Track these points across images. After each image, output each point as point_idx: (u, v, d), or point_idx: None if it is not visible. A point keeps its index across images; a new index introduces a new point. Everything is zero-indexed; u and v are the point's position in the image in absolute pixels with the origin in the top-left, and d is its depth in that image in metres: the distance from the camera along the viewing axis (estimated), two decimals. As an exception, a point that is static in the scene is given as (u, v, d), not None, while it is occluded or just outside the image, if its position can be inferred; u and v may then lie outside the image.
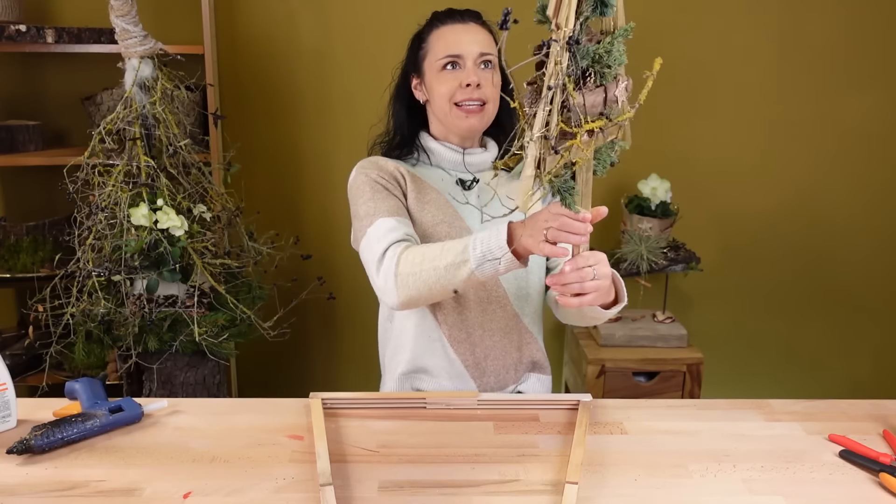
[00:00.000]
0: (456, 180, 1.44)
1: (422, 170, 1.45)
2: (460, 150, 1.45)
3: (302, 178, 2.43)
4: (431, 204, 1.40)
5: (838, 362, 2.65)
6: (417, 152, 1.47)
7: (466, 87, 1.35)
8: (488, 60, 1.38)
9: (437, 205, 1.40)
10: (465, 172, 1.45)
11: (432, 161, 1.46)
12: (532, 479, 1.02)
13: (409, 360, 1.43)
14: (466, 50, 1.36)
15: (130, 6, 1.91)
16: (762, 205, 2.51)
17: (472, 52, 1.36)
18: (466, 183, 1.44)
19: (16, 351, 2.19)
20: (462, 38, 1.38)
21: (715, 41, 2.39)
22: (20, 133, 2.20)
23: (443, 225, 1.39)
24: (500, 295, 1.43)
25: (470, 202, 1.42)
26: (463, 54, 1.37)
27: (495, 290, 1.43)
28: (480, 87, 1.36)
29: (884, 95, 2.44)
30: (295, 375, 2.59)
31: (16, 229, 2.17)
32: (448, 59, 1.37)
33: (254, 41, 2.34)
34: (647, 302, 2.35)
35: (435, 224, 1.39)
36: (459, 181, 1.44)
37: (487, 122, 1.41)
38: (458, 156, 1.44)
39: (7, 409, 1.14)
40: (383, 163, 1.42)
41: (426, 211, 1.40)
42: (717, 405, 1.26)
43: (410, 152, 1.47)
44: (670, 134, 2.44)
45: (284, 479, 1.01)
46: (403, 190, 1.41)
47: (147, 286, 1.91)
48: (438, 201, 1.41)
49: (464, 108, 1.37)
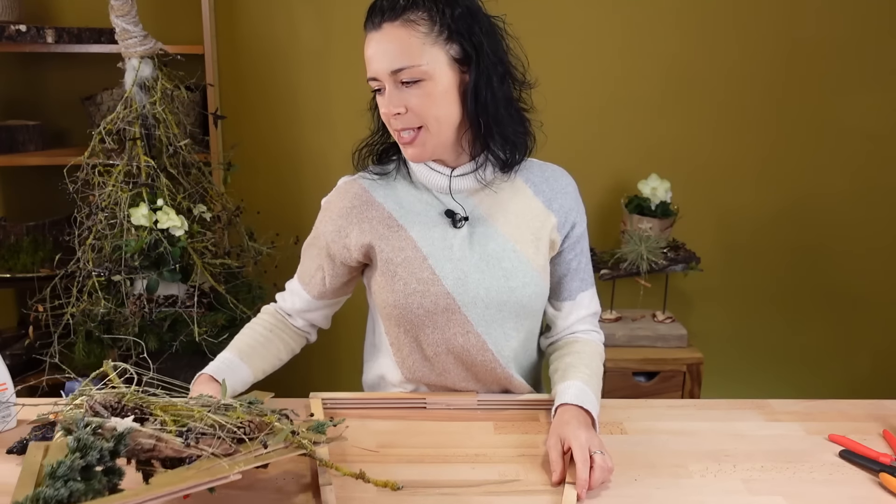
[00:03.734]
0: (444, 210, 1.21)
1: (402, 192, 1.23)
2: (447, 172, 1.21)
3: (302, 178, 2.43)
4: (404, 267, 1.18)
5: (838, 362, 2.65)
6: (399, 163, 1.25)
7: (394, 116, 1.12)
8: (407, 76, 1.09)
9: (412, 267, 1.18)
10: (455, 197, 1.22)
11: (414, 178, 1.24)
12: (532, 479, 1.02)
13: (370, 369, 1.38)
14: (379, 70, 1.10)
15: (130, 6, 1.91)
16: (762, 205, 2.51)
17: (384, 71, 1.10)
18: (456, 218, 1.21)
19: (16, 351, 2.19)
20: (375, 55, 1.11)
21: (715, 41, 2.39)
22: (20, 133, 2.20)
23: (415, 295, 1.18)
24: (487, 360, 1.22)
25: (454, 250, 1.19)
26: (378, 76, 1.11)
27: (482, 355, 1.22)
28: (403, 114, 1.11)
29: (884, 95, 2.44)
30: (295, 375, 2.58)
31: (16, 229, 2.17)
32: (371, 81, 1.13)
33: (254, 41, 2.34)
34: (647, 302, 2.35)
35: (407, 294, 1.18)
36: (448, 213, 1.21)
37: (434, 146, 1.15)
38: (444, 180, 1.21)
39: (7, 409, 1.14)
40: (344, 222, 1.22)
41: (397, 277, 1.19)
42: (717, 405, 1.26)
43: (394, 156, 1.26)
44: (670, 134, 2.44)
45: (284, 479, 1.01)
46: (348, 261, 1.23)
47: (147, 286, 1.91)
48: (413, 262, 1.18)
49: (399, 138, 1.15)
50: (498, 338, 1.22)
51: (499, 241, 1.21)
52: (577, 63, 2.38)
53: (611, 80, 2.40)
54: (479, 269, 1.19)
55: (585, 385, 1.14)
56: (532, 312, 1.25)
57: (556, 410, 1.12)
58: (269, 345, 1.29)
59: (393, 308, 1.20)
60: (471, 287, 1.18)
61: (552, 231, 1.24)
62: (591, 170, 2.44)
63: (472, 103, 1.14)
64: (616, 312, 2.32)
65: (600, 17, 2.36)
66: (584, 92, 2.41)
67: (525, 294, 1.21)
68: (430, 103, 1.11)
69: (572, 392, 1.13)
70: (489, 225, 1.21)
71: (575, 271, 1.28)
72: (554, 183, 1.27)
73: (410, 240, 1.19)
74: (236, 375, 1.21)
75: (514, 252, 1.21)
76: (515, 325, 1.23)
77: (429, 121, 1.12)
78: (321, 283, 1.28)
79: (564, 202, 1.26)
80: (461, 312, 1.19)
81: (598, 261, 2.28)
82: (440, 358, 1.22)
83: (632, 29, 2.36)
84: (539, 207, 1.24)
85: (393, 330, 1.25)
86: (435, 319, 1.19)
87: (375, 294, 1.25)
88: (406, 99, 1.10)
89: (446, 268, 1.18)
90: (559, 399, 1.13)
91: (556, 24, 2.35)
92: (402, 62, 1.09)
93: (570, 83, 2.39)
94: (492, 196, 1.23)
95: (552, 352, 1.30)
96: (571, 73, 2.38)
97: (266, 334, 1.29)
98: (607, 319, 2.28)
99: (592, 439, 1.02)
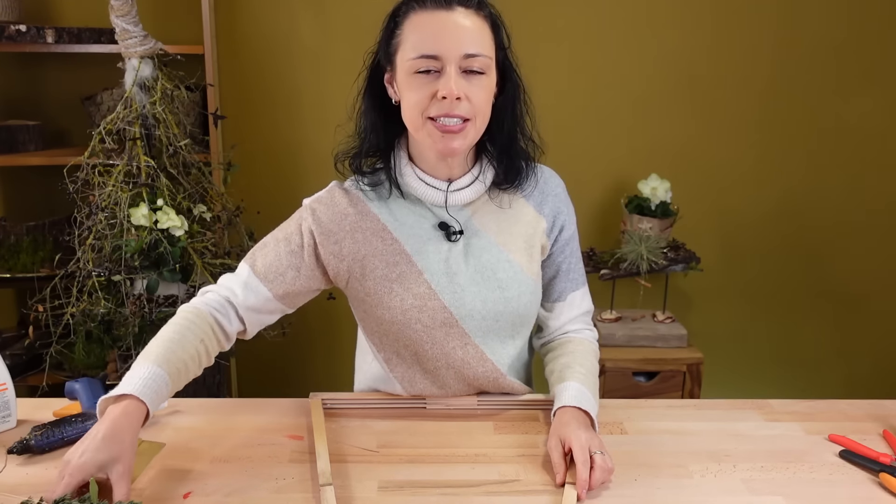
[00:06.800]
0: (438, 223, 1.19)
1: (394, 203, 1.19)
2: (443, 187, 1.17)
3: (302, 178, 2.43)
4: (400, 283, 1.16)
5: (838, 362, 2.65)
6: (392, 174, 1.18)
7: (443, 99, 1.06)
8: (478, 63, 1.07)
9: (408, 283, 1.16)
10: (449, 210, 1.20)
11: (405, 191, 1.19)
12: (532, 479, 1.02)
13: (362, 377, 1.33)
14: (447, 49, 1.05)
15: (130, 6, 1.91)
16: (762, 205, 2.51)
17: (456, 52, 1.05)
18: (450, 231, 1.18)
19: (16, 351, 2.19)
20: (443, 33, 1.06)
21: (714, 41, 2.39)
22: (20, 133, 2.20)
23: (413, 311, 1.16)
24: (487, 370, 1.21)
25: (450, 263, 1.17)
26: (442, 55, 1.05)
27: (482, 366, 1.20)
28: (462, 101, 1.07)
29: (884, 95, 2.44)
30: (295, 375, 2.59)
31: (16, 229, 2.17)
32: (422, 59, 1.06)
33: (254, 41, 2.34)
34: (647, 302, 2.35)
35: (404, 310, 1.16)
36: (442, 225, 1.19)
37: (471, 142, 1.12)
38: (440, 196, 1.18)
39: (7, 409, 1.14)
40: (336, 228, 1.17)
41: (394, 293, 1.16)
42: (717, 405, 1.26)
43: (382, 169, 1.19)
44: (670, 134, 2.44)
45: (284, 479, 1.01)
46: (331, 269, 1.17)
47: (147, 286, 1.91)
48: (409, 277, 1.16)
49: (439, 126, 1.08)
50: (496, 347, 1.21)
51: (493, 252, 1.20)
52: (577, 63, 2.38)
53: (611, 80, 2.40)
54: (474, 281, 1.17)
55: (582, 385, 1.14)
56: (528, 320, 1.25)
57: (556, 413, 1.12)
58: (195, 359, 1.11)
59: (391, 325, 1.17)
60: (467, 300, 1.17)
61: (542, 236, 1.24)
62: (591, 170, 2.44)
63: (496, 123, 1.15)
64: (616, 312, 2.32)
65: (601, 17, 2.35)
66: (584, 92, 2.40)
67: (521, 304, 1.20)
68: (486, 98, 1.10)
69: (570, 394, 1.13)
70: (482, 236, 1.20)
71: (565, 273, 1.27)
72: (544, 186, 1.26)
73: (405, 254, 1.17)
74: (160, 396, 1.02)
75: (509, 262, 1.20)
76: (512, 333, 1.22)
77: (479, 115, 1.10)
78: (290, 283, 1.17)
79: (554, 205, 1.25)
80: (459, 326, 1.17)
81: (598, 261, 2.28)
82: (440, 372, 1.20)
83: (632, 29, 2.36)
84: (531, 213, 1.24)
85: (391, 346, 1.21)
86: (433, 334, 1.17)
87: (370, 311, 1.20)
88: (466, 87, 1.07)
89: (442, 282, 1.16)
90: (558, 401, 1.13)
91: (556, 24, 2.35)
92: (478, 48, 1.07)
93: (570, 83, 2.39)
94: (485, 206, 1.21)
95: (546, 353, 1.30)
96: (572, 73, 2.39)
97: (198, 346, 1.10)
98: (607, 319, 2.28)
99: (592, 440, 1.02)
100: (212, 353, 1.14)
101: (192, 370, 1.09)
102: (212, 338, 1.13)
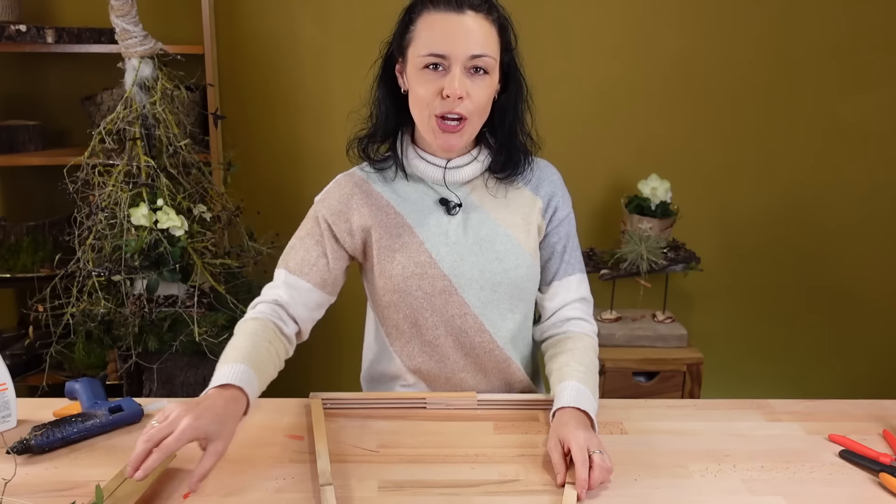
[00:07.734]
0: (438, 199, 1.27)
1: (398, 184, 1.29)
2: (442, 164, 1.26)
3: (302, 178, 2.43)
4: (403, 251, 1.24)
5: (838, 362, 2.65)
6: (398, 156, 1.28)
7: (446, 97, 1.14)
8: (482, 63, 1.15)
9: (409, 251, 1.24)
10: (449, 187, 1.28)
11: (409, 171, 1.28)
12: (532, 479, 1.02)
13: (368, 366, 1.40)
14: (455, 50, 1.13)
15: (130, 6, 1.91)
16: (762, 205, 2.51)
17: (462, 53, 1.13)
18: (450, 206, 1.27)
19: (16, 351, 2.19)
20: (452, 34, 1.14)
21: (716, 41, 2.39)
22: (20, 133, 2.20)
23: (414, 278, 1.23)
24: (485, 341, 1.27)
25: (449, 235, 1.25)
26: (449, 55, 1.13)
27: (479, 336, 1.27)
28: (464, 99, 1.15)
29: (884, 95, 2.44)
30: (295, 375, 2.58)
31: (16, 229, 2.17)
32: (430, 57, 1.15)
33: (254, 41, 2.34)
34: (647, 302, 2.35)
35: (406, 277, 1.23)
36: (443, 201, 1.27)
37: (469, 138, 1.21)
38: (439, 172, 1.26)
39: (7, 409, 1.14)
40: (344, 207, 1.26)
41: (396, 261, 1.24)
42: (717, 405, 1.26)
43: (391, 156, 1.29)
44: (670, 134, 2.44)
45: (284, 479, 1.01)
46: (348, 246, 1.27)
47: (147, 286, 1.91)
48: (411, 247, 1.24)
49: (441, 123, 1.17)
50: (494, 319, 1.26)
51: (491, 226, 1.27)
52: (577, 63, 2.38)
53: (611, 79, 2.40)
54: (473, 252, 1.25)
55: (581, 384, 1.15)
56: (526, 294, 1.29)
57: (555, 413, 1.12)
58: (270, 360, 1.17)
59: (393, 293, 1.25)
60: (466, 269, 1.24)
61: (538, 216, 1.30)
62: (592, 170, 2.44)
63: (498, 118, 1.24)
64: (616, 312, 2.32)
65: (601, 17, 2.36)
66: (584, 92, 2.41)
67: (518, 275, 1.26)
68: (486, 97, 1.18)
69: (569, 394, 1.13)
70: (481, 212, 1.27)
71: (560, 254, 1.31)
72: (539, 172, 1.33)
73: (407, 226, 1.25)
74: (253, 392, 1.08)
75: (507, 236, 1.26)
76: (510, 306, 1.27)
77: (477, 112, 1.18)
78: (325, 269, 1.26)
79: (549, 188, 1.32)
80: (458, 294, 1.24)
81: (599, 261, 2.28)
82: (439, 342, 1.27)
83: (632, 29, 2.36)
84: (528, 195, 1.31)
85: (392, 317, 1.28)
86: (433, 302, 1.24)
87: (374, 281, 1.28)
88: (469, 86, 1.15)
89: (442, 251, 1.24)
90: (557, 402, 1.13)
91: (556, 24, 2.35)
92: (484, 49, 1.15)
93: (570, 83, 2.39)
94: (483, 186, 1.29)
95: (546, 349, 1.31)
96: (572, 72, 2.39)
97: (269, 348, 1.17)
98: (607, 319, 2.28)
99: (591, 439, 1.02)
100: (281, 357, 1.20)
101: (270, 373, 1.15)
102: (277, 342, 1.20)
